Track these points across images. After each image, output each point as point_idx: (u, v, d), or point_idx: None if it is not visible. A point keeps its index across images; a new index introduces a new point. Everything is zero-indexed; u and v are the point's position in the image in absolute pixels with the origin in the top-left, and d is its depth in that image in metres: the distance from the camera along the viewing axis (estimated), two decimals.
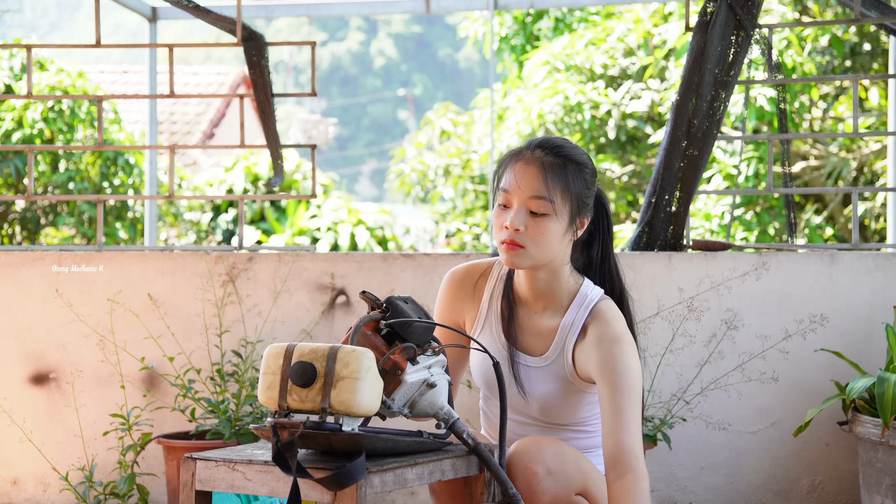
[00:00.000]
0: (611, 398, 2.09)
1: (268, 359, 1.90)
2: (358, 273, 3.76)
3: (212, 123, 14.96)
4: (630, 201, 10.32)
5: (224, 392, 3.57)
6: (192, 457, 1.98)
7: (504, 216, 2.16)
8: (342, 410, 1.85)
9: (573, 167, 2.17)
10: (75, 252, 3.87)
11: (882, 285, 3.59)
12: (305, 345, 1.89)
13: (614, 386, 2.10)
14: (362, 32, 41.74)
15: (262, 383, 1.90)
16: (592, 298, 2.23)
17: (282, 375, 1.88)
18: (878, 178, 8.76)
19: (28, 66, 4.10)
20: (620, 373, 2.11)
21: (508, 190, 2.16)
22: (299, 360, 1.87)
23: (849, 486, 3.59)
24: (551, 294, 2.24)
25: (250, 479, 1.92)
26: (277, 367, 1.89)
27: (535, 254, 2.16)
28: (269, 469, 1.91)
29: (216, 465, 1.95)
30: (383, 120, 39.86)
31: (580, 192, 2.17)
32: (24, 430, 3.78)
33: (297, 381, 1.85)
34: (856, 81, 3.95)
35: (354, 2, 6.41)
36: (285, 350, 1.89)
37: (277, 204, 11.40)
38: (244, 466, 1.93)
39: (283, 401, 1.87)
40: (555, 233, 2.15)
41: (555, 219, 2.15)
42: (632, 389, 2.10)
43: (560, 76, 9.71)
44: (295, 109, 29.91)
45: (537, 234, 2.14)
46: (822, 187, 4.94)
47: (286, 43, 4.30)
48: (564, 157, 2.17)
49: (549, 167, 2.15)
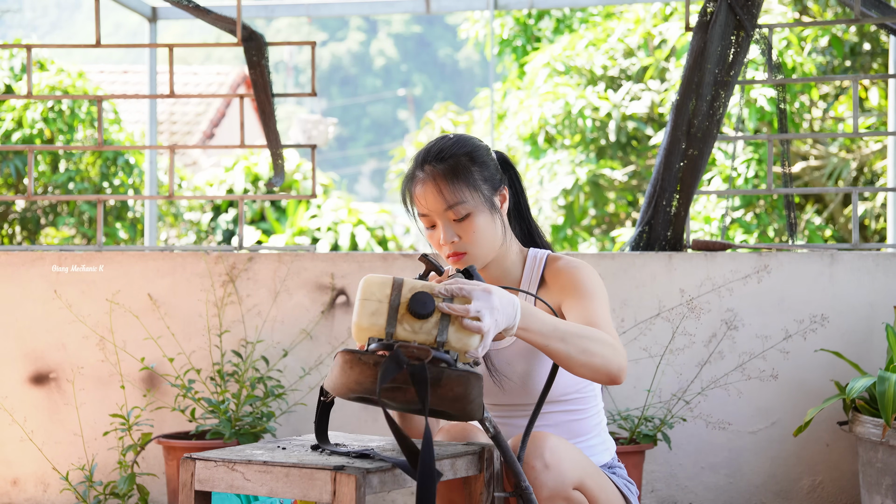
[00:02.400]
0: (578, 305, 2.14)
1: (369, 286, 1.85)
2: (358, 273, 3.76)
3: (212, 123, 14.96)
4: (630, 202, 10.32)
5: (224, 392, 3.57)
6: (191, 457, 1.98)
7: (436, 235, 2.22)
8: (458, 348, 1.82)
9: (464, 160, 2.21)
10: (75, 252, 3.87)
11: (882, 285, 3.59)
12: (417, 280, 1.86)
13: (580, 296, 2.15)
14: (362, 32, 41.73)
15: (364, 309, 1.83)
16: (542, 256, 2.30)
17: (390, 303, 1.83)
18: (878, 178, 8.76)
19: (28, 66, 4.10)
20: (585, 286, 2.17)
21: (424, 213, 2.22)
22: (419, 290, 1.83)
23: (849, 486, 3.59)
24: (505, 273, 2.30)
25: (249, 479, 1.92)
26: (384, 296, 1.84)
27: (479, 252, 2.21)
28: (268, 469, 1.90)
29: (215, 465, 1.95)
30: (383, 120, 39.86)
31: (482, 175, 2.22)
32: (24, 430, 3.79)
33: (420, 311, 1.81)
34: (856, 81, 3.95)
35: (354, 2, 6.41)
36: (392, 280, 1.85)
37: (277, 204, 11.40)
38: (243, 466, 1.92)
39: (391, 328, 1.82)
40: (484, 225, 2.20)
41: (476, 213, 2.20)
42: (598, 297, 2.15)
43: (560, 79, 9.72)
44: (295, 109, 29.91)
45: (470, 235, 2.19)
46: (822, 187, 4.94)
47: (286, 43, 4.30)
48: (452, 157, 2.21)
49: (443, 176, 2.19)
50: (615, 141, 9.57)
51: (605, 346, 2.00)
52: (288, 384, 3.73)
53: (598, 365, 2.00)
